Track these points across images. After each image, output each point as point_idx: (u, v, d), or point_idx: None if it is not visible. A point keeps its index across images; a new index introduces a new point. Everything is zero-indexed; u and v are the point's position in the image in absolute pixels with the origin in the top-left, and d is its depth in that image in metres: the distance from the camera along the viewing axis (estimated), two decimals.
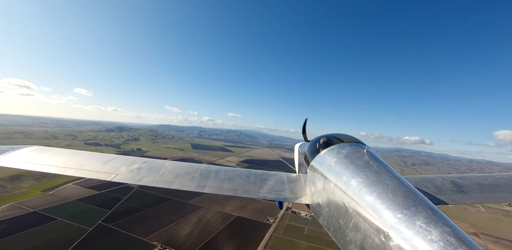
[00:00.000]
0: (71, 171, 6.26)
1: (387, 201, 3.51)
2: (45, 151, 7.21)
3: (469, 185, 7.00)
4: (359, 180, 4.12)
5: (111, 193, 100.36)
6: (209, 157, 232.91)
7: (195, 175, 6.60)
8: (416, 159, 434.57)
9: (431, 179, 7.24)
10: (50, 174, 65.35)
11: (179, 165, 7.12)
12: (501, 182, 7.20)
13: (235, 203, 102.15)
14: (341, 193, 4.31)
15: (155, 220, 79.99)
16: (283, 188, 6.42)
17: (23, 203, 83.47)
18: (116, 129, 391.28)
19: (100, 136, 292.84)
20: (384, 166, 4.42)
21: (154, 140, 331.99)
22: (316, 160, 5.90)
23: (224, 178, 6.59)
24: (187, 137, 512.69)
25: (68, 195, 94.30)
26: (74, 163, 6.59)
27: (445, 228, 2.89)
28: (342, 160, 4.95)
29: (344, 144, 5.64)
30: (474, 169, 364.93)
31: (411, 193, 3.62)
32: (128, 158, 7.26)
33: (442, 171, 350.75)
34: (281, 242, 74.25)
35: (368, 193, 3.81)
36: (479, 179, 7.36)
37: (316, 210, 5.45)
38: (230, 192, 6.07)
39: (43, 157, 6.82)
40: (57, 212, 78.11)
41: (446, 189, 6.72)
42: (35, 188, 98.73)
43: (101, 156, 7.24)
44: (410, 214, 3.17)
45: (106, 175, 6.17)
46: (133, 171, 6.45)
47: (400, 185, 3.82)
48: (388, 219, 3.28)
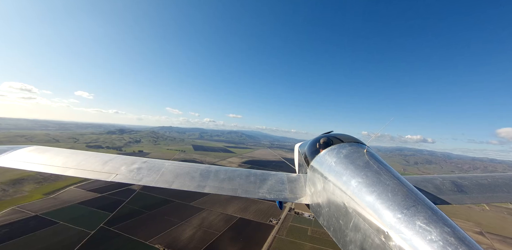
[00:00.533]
0: (71, 171, 6.22)
1: (387, 201, 3.52)
2: (44, 151, 7.22)
3: (469, 185, 7.04)
4: (359, 180, 4.14)
5: (113, 196, 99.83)
6: (210, 158, 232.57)
7: (195, 175, 6.61)
8: (418, 157, 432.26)
9: (431, 179, 7.28)
10: (51, 177, 65.25)
11: (179, 165, 7.13)
12: (501, 182, 7.24)
13: (238, 205, 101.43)
14: (341, 193, 4.34)
15: (157, 222, 79.27)
16: (283, 188, 6.45)
17: (24, 207, 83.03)
18: (117, 131, 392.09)
19: (102, 138, 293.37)
20: (384, 166, 4.43)
21: (156, 142, 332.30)
22: (316, 160, 5.92)
23: (224, 178, 6.61)
24: (189, 138, 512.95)
25: (69, 198, 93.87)
26: (74, 163, 6.56)
27: (445, 228, 2.90)
28: (342, 160, 4.97)
29: (344, 144, 5.67)
30: (477, 167, 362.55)
31: (411, 193, 3.63)
32: (128, 157, 7.26)
33: (445, 169, 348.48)
34: (284, 243, 73.43)
35: (368, 193, 3.82)
36: (479, 179, 7.39)
37: (316, 210, 5.49)
38: (230, 192, 6.09)
39: (43, 157, 6.83)
40: (59, 216, 77.65)
41: (446, 189, 6.77)
42: (36, 191, 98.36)
43: (101, 156, 7.23)
44: (410, 214, 3.19)
45: (106, 175, 6.15)
46: (133, 170, 6.44)
47: (400, 185, 3.83)
48: (388, 219, 3.29)
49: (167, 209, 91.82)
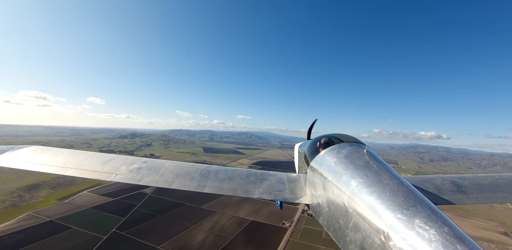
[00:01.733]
0: (71, 171, 6.21)
1: (387, 201, 3.51)
2: (45, 151, 7.21)
3: (469, 185, 7.02)
4: (359, 180, 4.14)
5: (125, 200, 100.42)
6: (221, 160, 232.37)
7: (195, 175, 6.58)
8: (433, 154, 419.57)
9: (431, 179, 7.28)
10: (65, 182, 65.66)
11: (179, 164, 7.11)
12: (501, 182, 7.22)
13: (249, 207, 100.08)
14: (341, 193, 4.32)
15: (168, 226, 78.79)
16: (283, 188, 6.43)
17: (39, 212, 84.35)
18: (129, 135, 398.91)
19: (114, 142, 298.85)
20: (384, 166, 4.42)
21: (166, 145, 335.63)
22: (316, 160, 5.91)
23: (224, 178, 6.58)
24: (199, 140, 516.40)
25: (83, 203, 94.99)
26: (74, 163, 6.55)
27: (444, 227, 2.90)
28: (342, 160, 4.96)
29: (344, 144, 5.64)
30: (496, 163, 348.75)
31: (411, 193, 3.62)
32: (128, 157, 7.27)
33: (462, 166, 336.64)
34: (298, 247, 71.37)
35: (368, 193, 3.81)
36: (479, 179, 7.38)
37: (316, 210, 5.52)
38: (230, 192, 6.08)
39: (43, 157, 6.81)
40: (73, 221, 78.40)
41: (446, 189, 6.74)
42: (51, 196, 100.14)
43: (101, 156, 7.23)
44: (410, 214, 3.19)
45: (105, 175, 6.14)
46: (133, 170, 6.41)
47: (400, 185, 3.82)
48: (388, 219, 3.29)
49: (178, 212, 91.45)
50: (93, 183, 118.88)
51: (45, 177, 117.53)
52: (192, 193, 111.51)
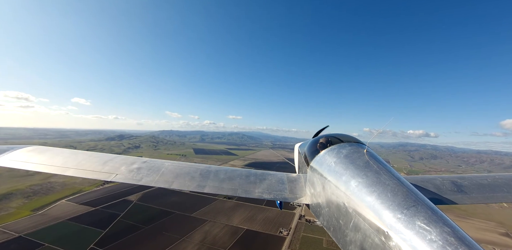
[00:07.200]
0: (71, 171, 6.17)
1: (387, 201, 3.48)
2: (44, 151, 7.18)
3: (469, 185, 6.92)
4: (359, 180, 4.09)
5: (107, 209, 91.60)
6: (212, 161, 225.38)
7: (195, 175, 6.54)
8: (422, 152, 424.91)
9: (431, 179, 7.16)
10: (42, 190, 55.70)
11: (179, 164, 7.05)
12: (501, 182, 7.11)
13: (243, 214, 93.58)
14: (341, 193, 4.27)
15: (155, 240, 70.91)
16: (283, 188, 6.39)
17: (8, 227, 74.54)
18: (116, 137, 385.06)
19: (100, 145, 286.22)
20: (384, 166, 4.37)
21: (156, 147, 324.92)
22: (316, 160, 5.87)
23: (224, 178, 6.52)
24: (189, 141, 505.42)
25: (59, 214, 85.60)
26: (74, 163, 6.48)
27: (445, 228, 2.89)
28: (342, 160, 4.91)
29: (344, 144, 5.62)
30: (483, 160, 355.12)
31: (411, 193, 3.59)
32: (128, 157, 7.20)
33: (451, 164, 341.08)
34: None
35: (368, 193, 3.77)
36: (479, 179, 7.27)
37: (316, 210, 5.46)
38: (230, 192, 6.02)
39: (43, 157, 6.75)
40: (44, 236, 69.34)
41: (446, 189, 6.64)
42: (24, 207, 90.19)
43: (101, 156, 7.16)
44: (410, 214, 3.17)
45: (106, 175, 6.11)
46: (133, 170, 6.38)
47: (400, 185, 3.78)
48: (388, 219, 3.27)
49: (166, 222, 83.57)
50: (74, 190, 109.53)
51: (19, 184, 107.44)
52: (181, 200, 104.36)
